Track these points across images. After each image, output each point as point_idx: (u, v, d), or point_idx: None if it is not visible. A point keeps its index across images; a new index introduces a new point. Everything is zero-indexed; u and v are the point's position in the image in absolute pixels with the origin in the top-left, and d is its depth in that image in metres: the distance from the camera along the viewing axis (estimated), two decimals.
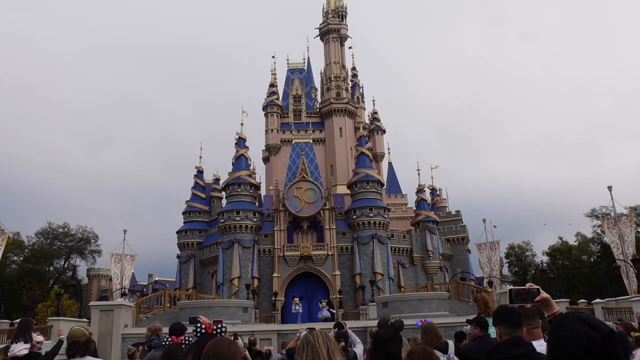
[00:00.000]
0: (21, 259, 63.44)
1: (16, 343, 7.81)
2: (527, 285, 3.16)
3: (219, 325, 4.80)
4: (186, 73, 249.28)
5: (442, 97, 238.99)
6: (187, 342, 6.54)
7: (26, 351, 7.74)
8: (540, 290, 3.11)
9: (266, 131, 61.91)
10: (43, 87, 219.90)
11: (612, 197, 31.46)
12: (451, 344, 7.01)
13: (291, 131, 62.01)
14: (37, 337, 8.31)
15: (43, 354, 7.83)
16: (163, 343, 8.16)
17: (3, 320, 28.15)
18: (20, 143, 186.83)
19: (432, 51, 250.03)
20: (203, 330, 4.83)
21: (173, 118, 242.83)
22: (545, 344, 4.20)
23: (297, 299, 36.77)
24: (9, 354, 7.73)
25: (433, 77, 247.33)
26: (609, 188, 31.52)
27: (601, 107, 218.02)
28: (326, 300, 39.09)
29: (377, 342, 4.65)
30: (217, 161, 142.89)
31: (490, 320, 5.68)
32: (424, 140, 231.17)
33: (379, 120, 66.30)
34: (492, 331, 5.87)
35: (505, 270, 67.21)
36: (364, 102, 68.60)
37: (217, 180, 61.11)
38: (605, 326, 1.93)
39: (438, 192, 66.39)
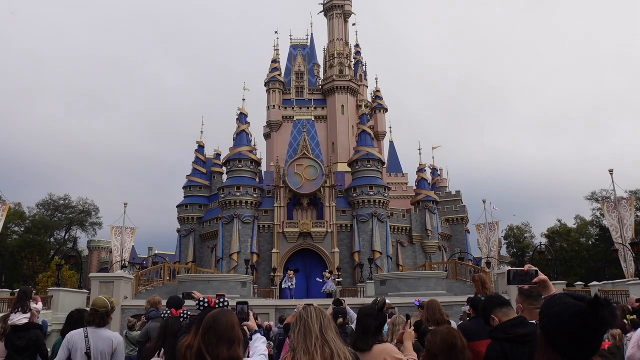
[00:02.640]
0: (22, 229, 63.72)
1: (15, 313, 7.87)
2: (526, 267, 3.17)
3: (222, 300, 4.84)
4: (184, 45, 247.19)
5: (446, 68, 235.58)
6: (185, 315, 6.59)
7: (26, 320, 7.81)
8: (539, 272, 3.11)
9: (268, 107, 61.63)
10: (22, 46, 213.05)
11: (613, 181, 31.46)
12: (454, 324, 7.05)
13: (293, 108, 61.74)
14: (36, 306, 8.37)
15: (41, 322, 7.90)
16: (162, 315, 8.24)
17: (4, 290, 28.45)
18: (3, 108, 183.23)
19: (435, 20, 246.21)
20: (206, 304, 4.87)
21: (167, 89, 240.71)
22: None
23: (292, 272, 34.79)
24: (8, 322, 7.79)
25: (436, 47, 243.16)
26: (610, 171, 31.48)
27: (610, 81, 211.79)
28: (330, 271, 38.14)
29: (358, 318, 4.72)
30: (217, 136, 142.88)
31: None
32: (426, 113, 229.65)
33: (382, 99, 66.00)
34: None
35: (504, 252, 67.58)
36: (366, 79, 68.21)
37: (218, 155, 61.03)
38: (591, 297, 1.98)
39: (439, 172, 66.35)
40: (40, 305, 8.89)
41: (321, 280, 34.95)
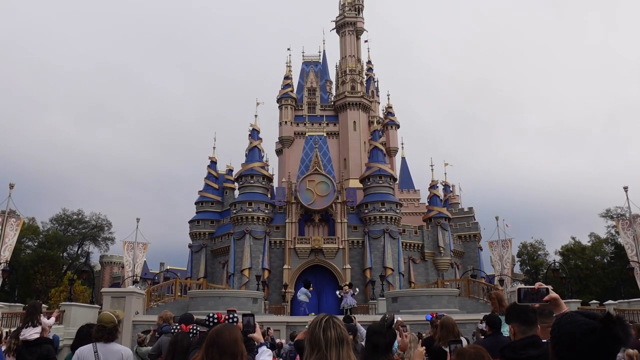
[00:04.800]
0: (35, 244, 64.17)
1: (26, 327, 7.90)
2: (537, 285, 3.12)
3: (231, 315, 4.83)
4: (196, 60, 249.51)
5: (458, 80, 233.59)
6: (194, 330, 6.59)
7: (37, 335, 7.83)
8: (550, 290, 3.07)
9: (280, 123, 61.93)
10: (29, 57, 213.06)
11: (627, 198, 31.12)
12: (464, 341, 6.96)
13: (305, 124, 61.98)
14: (48, 321, 8.39)
15: (52, 337, 7.91)
16: (172, 331, 8.26)
17: (17, 304, 28.59)
18: (8, 118, 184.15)
19: (447, 31, 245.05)
20: (215, 320, 4.86)
21: (179, 104, 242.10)
22: None
23: (309, 282, 33.08)
24: (20, 337, 7.82)
25: (448, 59, 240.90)
26: (625, 188, 31.15)
27: (628, 91, 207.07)
28: (349, 284, 37.27)
29: (367, 335, 4.66)
30: (229, 151, 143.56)
31: (503, 318, 5.63)
32: (438, 126, 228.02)
33: (393, 115, 66.17)
34: (505, 330, 5.81)
35: (517, 269, 66.83)
36: (378, 96, 68.42)
37: (230, 171, 61.25)
38: (602, 315, 1.96)
39: (451, 188, 66.14)
40: (52, 319, 8.86)
41: (340, 296, 34.32)
